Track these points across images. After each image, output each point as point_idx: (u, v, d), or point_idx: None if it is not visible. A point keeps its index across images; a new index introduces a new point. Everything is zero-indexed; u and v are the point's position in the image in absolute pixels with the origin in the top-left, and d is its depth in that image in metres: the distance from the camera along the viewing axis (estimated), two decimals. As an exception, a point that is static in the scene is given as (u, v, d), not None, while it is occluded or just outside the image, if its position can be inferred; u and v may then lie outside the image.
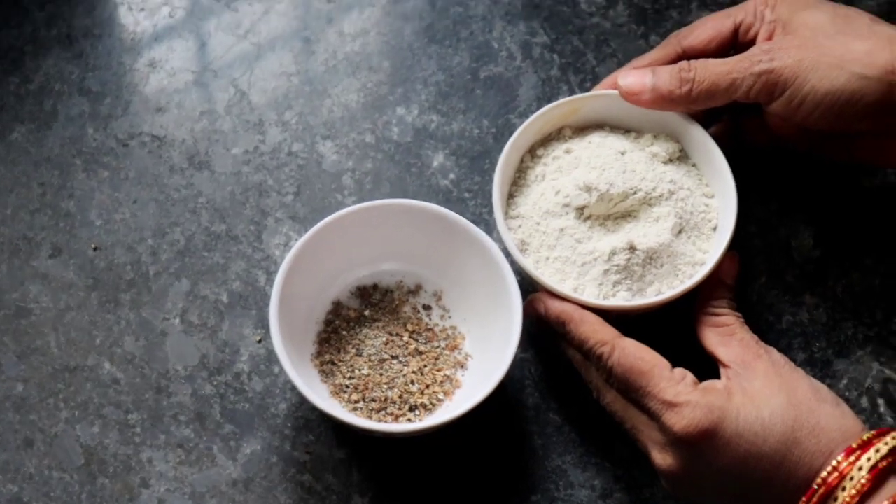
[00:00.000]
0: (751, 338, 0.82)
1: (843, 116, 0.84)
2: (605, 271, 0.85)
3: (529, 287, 0.89)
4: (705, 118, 0.91)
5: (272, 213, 0.94)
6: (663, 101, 0.88)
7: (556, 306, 0.83)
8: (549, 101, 0.94)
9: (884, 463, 0.73)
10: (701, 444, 0.76)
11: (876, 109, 0.83)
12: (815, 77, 0.83)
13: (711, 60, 0.87)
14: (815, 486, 0.74)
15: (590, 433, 0.87)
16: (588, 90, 0.95)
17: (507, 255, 0.86)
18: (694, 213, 0.88)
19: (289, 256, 0.84)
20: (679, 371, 0.79)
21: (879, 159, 0.89)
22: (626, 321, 0.85)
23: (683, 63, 0.87)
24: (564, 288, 0.85)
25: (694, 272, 0.86)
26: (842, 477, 0.73)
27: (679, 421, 0.77)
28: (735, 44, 0.90)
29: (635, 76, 0.88)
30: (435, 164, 0.96)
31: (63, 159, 0.96)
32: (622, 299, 0.85)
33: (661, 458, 0.79)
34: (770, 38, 0.87)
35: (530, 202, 0.89)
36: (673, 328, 0.87)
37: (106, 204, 0.95)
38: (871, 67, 0.82)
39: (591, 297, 0.85)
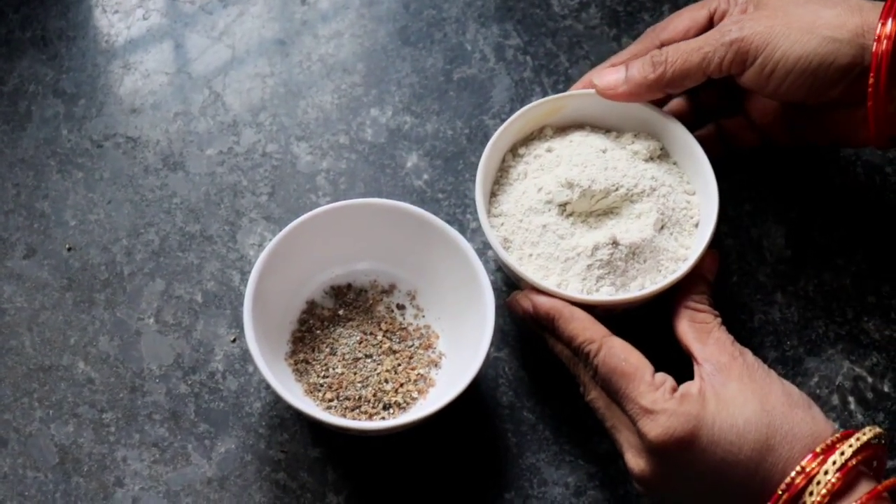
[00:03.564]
0: (727, 338, 0.82)
1: (816, 83, 0.84)
2: (589, 266, 0.86)
3: (511, 285, 0.89)
4: (689, 125, 0.91)
5: (246, 214, 0.95)
6: (639, 89, 0.88)
7: (545, 302, 0.84)
8: (523, 102, 0.95)
9: (853, 461, 0.74)
10: (675, 452, 0.77)
11: (847, 73, 0.83)
12: (785, 43, 0.83)
13: (682, 42, 0.88)
14: (780, 492, 0.74)
15: (564, 431, 0.88)
16: (561, 92, 0.96)
17: (482, 254, 0.87)
18: (675, 210, 0.89)
19: (262, 256, 0.85)
20: (660, 376, 0.80)
21: (854, 136, 0.89)
22: (610, 316, 0.85)
23: (654, 50, 0.88)
24: (548, 283, 0.85)
25: (676, 267, 0.87)
26: (809, 478, 0.74)
27: (654, 429, 0.77)
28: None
29: (609, 73, 0.89)
30: (409, 164, 0.97)
31: (37, 160, 0.96)
32: (606, 294, 0.85)
33: (635, 462, 0.79)
34: (742, 14, 0.88)
35: (512, 200, 0.89)
36: (656, 323, 0.87)
37: (80, 204, 0.95)
38: (841, 30, 0.83)
39: (575, 291, 0.85)
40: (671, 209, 0.88)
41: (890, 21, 0.82)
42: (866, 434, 0.75)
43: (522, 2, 1.04)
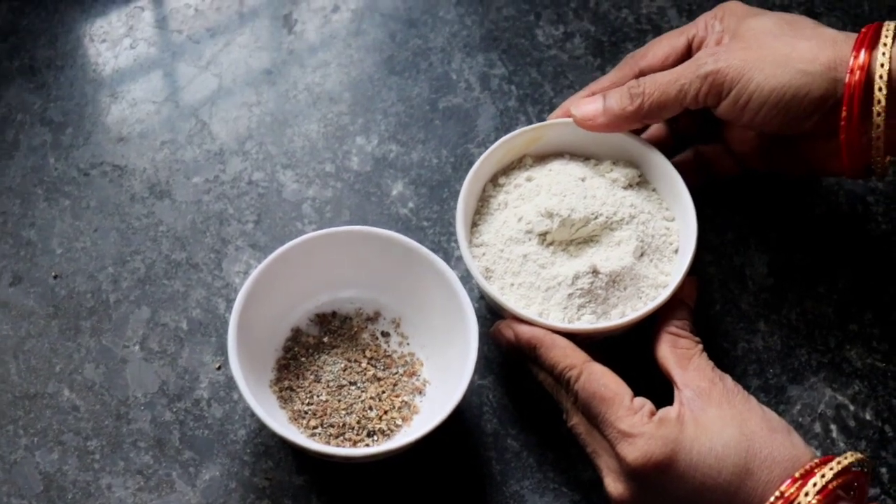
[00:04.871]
0: (707, 364, 0.83)
1: (790, 115, 0.85)
2: (570, 295, 0.86)
3: (495, 314, 0.89)
4: (668, 152, 0.92)
5: (232, 242, 0.95)
6: (617, 120, 0.89)
7: (526, 331, 0.84)
8: (507, 131, 0.95)
9: (833, 484, 0.74)
10: (654, 476, 0.77)
11: (820, 106, 0.84)
12: (760, 75, 0.84)
13: (659, 73, 0.89)
14: None
15: (548, 459, 0.88)
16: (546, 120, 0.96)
17: (466, 282, 0.87)
18: (655, 237, 0.89)
19: (247, 283, 0.85)
20: (639, 401, 0.80)
21: (829, 166, 0.90)
22: (592, 343, 0.86)
23: (632, 81, 0.89)
24: (530, 313, 0.85)
25: (657, 294, 0.87)
26: (788, 503, 0.74)
27: (632, 452, 0.77)
28: (689, 58, 0.91)
29: (587, 103, 0.90)
30: (394, 192, 0.97)
31: (24, 188, 0.97)
32: (587, 322, 0.86)
33: (614, 486, 0.79)
34: (718, 44, 0.89)
35: (493, 230, 0.90)
36: (637, 349, 0.88)
37: (67, 232, 0.95)
38: (815, 64, 0.84)
39: (557, 320, 0.86)
40: (651, 236, 0.89)
41: (863, 52, 0.83)
42: (847, 458, 0.75)
43: (507, 32, 1.05)
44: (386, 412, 0.86)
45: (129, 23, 1.05)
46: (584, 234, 0.89)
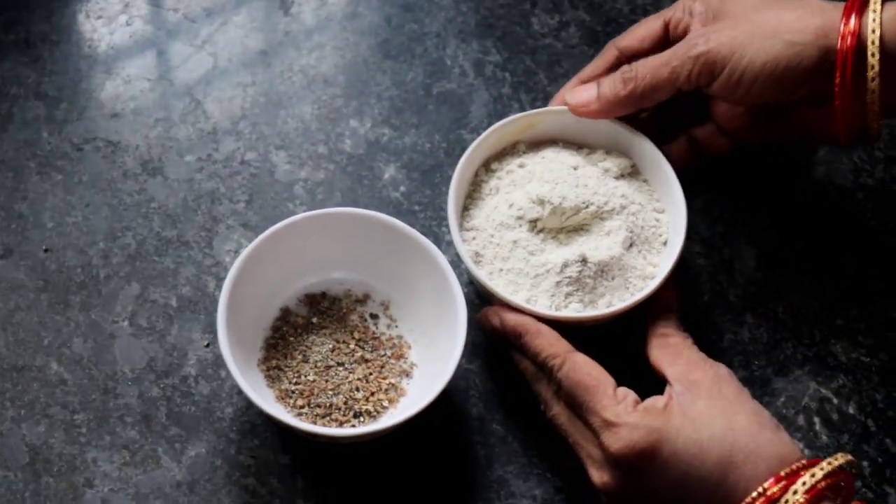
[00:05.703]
0: (698, 356, 0.83)
1: (783, 86, 0.86)
2: (558, 283, 0.86)
3: (484, 298, 0.90)
4: (661, 137, 0.93)
5: (224, 221, 0.95)
6: (611, 106, 0.90)
7: (512, 318, 0.85)
8: (501, 118, 0.95)
9: (822, 484, 0.74)
10: (637, 465, 0.77)
11: (813, 74, 0.85)
12: (751, 50, 0.85)
13: (651, 57, 0.89)
14: None
15: (532, 444, 0.88)
16: (539, 108, 0.96)
17: (456, 267, 0.87)
18: (645, 228, 0.90)
19: (238, 262, 0.85)
20: (622, 391, 0.80)
21: (821, 133, 0.90)
22: (578, 332, 0.86)
23: (624, 66, 0.90)
24: (517, 299, 0.86)
25: (644, 285, 0.87)
26: (769, 501, 0.74)
27: (615, 442, 0.77)
28: (668, 39, 0.91)
29: (581, 90, 0.90)
30: (386, 176, 0.98)
31: (17, 162, 0.97)
32: (574, 311, 0.86)
33: (598, 476, 0.79)
34: (704, 25, 0.89)
35: (484, 215, 0.90)
36: (624, 340, 0.88)
37: (59, 207, 0.95)
38: (804, 34, 0.84)
39: (544, 308, 0.86)
40: (640, 227, 0.89)
41: (853, 18, 0.83)
42: (838, 459, 0.75)
43: (503, 19, 1.05)
44: (373, 394, 0.87)
45: (124, 0, 1.05)
46: (574, 223, 0.89)
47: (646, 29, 0.92)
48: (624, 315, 0.86)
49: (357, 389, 0.87)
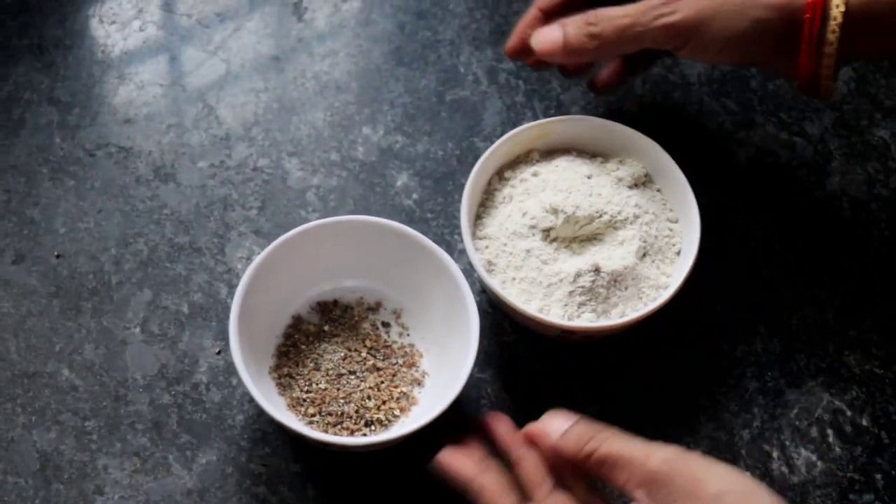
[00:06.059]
0: (636, 451, 0.74)
1: (748, 55, 0.87)
2: (571, 293, 0.86)
3: (496, 308, 0.89)
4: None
5: (236, 227, 0.95)
6: (576, 55, 0.89)
7: (456, 470, 0.80)
8: (514, 126, 0.95)
9: None
10: None
11: (779, 41, 0.85)
12: (717, 24, 0.85)
13: (614, 11, 0.88)
14: None
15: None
16: (552, 116, 0.96)
17: (469, 275, 0.87)
18: (658, 238, 0.89)
19: (250, 269, 0.85)
20: None
21: (783, 73, 0.92)
22: (590, 342, 0.86)
23: (590, 15, 0.88)
24: (530, 308, 0.86)
25: (657, 295, 0.87)
26: None
27: None
28: None
29: (546, 33, 0.90)
30: (399, 183, 0.97)
31: (30, 167, 0.97)
32: (587, 320, 0.86)
33: None
34: None
35: (497, 223, 0.90)
36: (635, 351, 0.88)
37: (71, 213, 0.95)
38: (770, 9, 0.84)
39: (557, 317, 0.86)
40: (654, 237, 0.89)
41: None
42: None
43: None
44: (384, 402, 0.86)
45: (138, 5, 1.05)
46: (587, 232, 0.89)
47: None
48: (637, 325, 0.86)
49: (368, 398, 0.86)
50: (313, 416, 0.85)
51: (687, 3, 0.85)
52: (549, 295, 0.87)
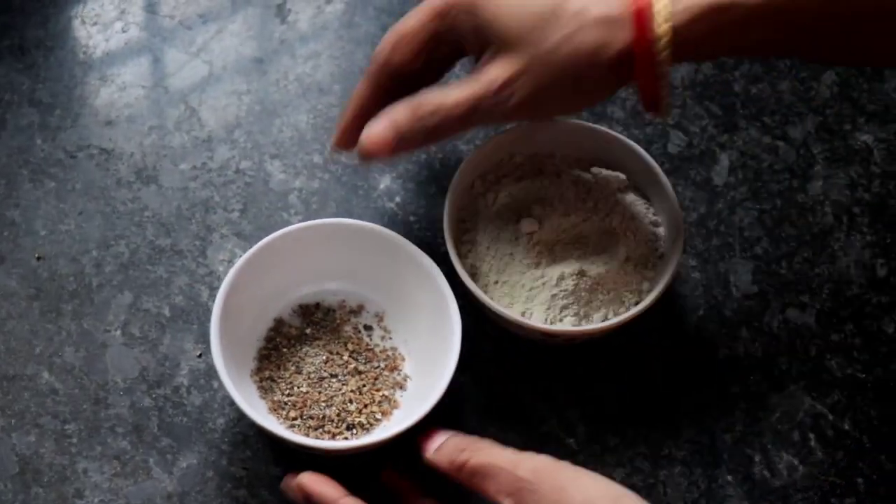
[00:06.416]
0: (505, 461, 0.75)
1: (598, 98, 0.87)
2: (553, 296, 0.86)
3: (479, 311, 0.89)
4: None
5: (217, 230, 0.95)
6: (410, 149, 0.85)
7: (318, 493, 0.79)
8: (498, 129, 0.95)
9: None
10: None
11: (621, 81, 0.82)
12: (556, 92, 0.81)
13: (446, 98, 0.82)
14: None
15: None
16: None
17: (452, 278, 0.87)
18: (641, 242, 0.89)
19: (232, 272, 0.85)
20: None
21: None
22: (572, 346, 0.85)
23: (419, 105, 0.83)
24: (513, 313, 0.85)
25: (640, 299, 0.87)
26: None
27: None
28: (437, 52, 0.86)
29: (375, 132, 0.83)
30: (381, 186, 0.97)
31: (10, 169, 0.96)
32: (569, 324, 0.86)
33: None
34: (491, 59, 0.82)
35: (480, 227, 0.90)
36: (617, 355, 0.88)
37: (51, 215, 0.95)
38: (602, 63, 0.80)
39: (539, 321, 0.86)
40: (636, 241, 0.89)
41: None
42: None
43: (500, 30, 1.05)
44: (366, 406, 0.86)
45: (120, 6, 1.05)
46: (570, 236, 0.89)
47: (413, 42, 0.85)
48: (619, 329, 0.86)
49: (350, 401, 0.86)
50: (294, 419, 0.85)
51: (522, 82, 0.81)
52: (531, 299, 0.87)
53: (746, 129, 1.01)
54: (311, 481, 0.80)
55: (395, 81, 0.85)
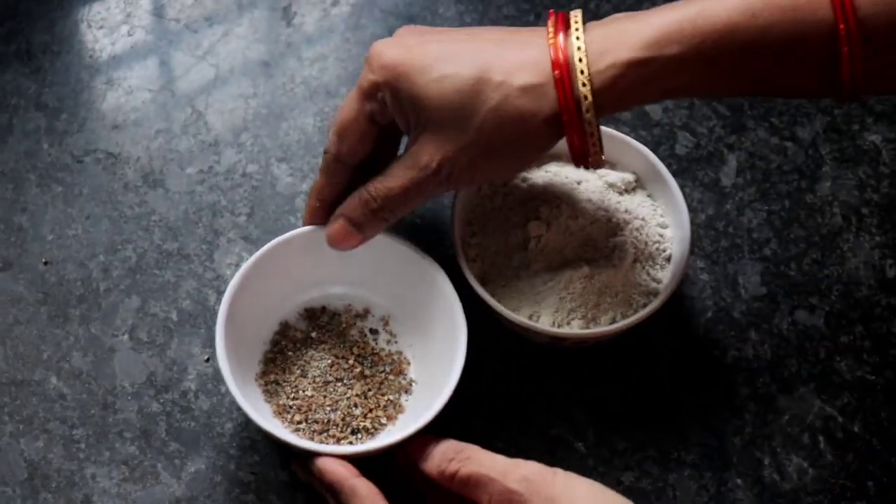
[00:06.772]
0: (495, 470, 0.77)
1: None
2: (561, 299, 0.86)
3: (486, 315, 0.89)
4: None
5: (224, 234, 0.95)
6: (376, 231, 0.86)
7: (331, 472, 0.80)
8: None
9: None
10: None
11: (553, 142, 0.82)
12: (495, 171, 0.83)
13: (389, 183, 0.83)
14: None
15: (534, 460, 0.88)
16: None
17: (458, 283, 0.87)
18: (648, 244, 0.89)
19: (238, 275, 0.85)
20: None
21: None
22: (580, 348, 0.85)
23: (365, 195, 0.84)
24: (520, 316, 0.85)
25: (648, 301, 0.87)
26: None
27: None
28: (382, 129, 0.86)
29: (337, 230, 0.86)
30: (388, 189, 0.97)
31: (17, 173, 0.96)
32: (577, 327, 0.86)
33: None
34: (410, 122, 0.82)
35: (488, 231, 0.90)
36: (626, 358, 0.88)
37: (59, 219, 0.95)
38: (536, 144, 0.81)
39: (547, 324, 0.86)
40: (644, 243, 0.89)
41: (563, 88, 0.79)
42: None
43: (507, 31, 1.04)
44: (371, 410, 0.86)
45: (126, 10, 1.05)
46: (578, 239, 0.88)
47: (356, 131, 0.84)
48: (627, 331, 0.86)
49: (355, 406, 0.86)
50: (299, 423, 0.85)
51: (457, 160, 0.80)
52: (538, 302, 0.86)
53: (754, 129, 1.01)
54: (326, 461, 0.80)
55: (350, 169, 0.86)
